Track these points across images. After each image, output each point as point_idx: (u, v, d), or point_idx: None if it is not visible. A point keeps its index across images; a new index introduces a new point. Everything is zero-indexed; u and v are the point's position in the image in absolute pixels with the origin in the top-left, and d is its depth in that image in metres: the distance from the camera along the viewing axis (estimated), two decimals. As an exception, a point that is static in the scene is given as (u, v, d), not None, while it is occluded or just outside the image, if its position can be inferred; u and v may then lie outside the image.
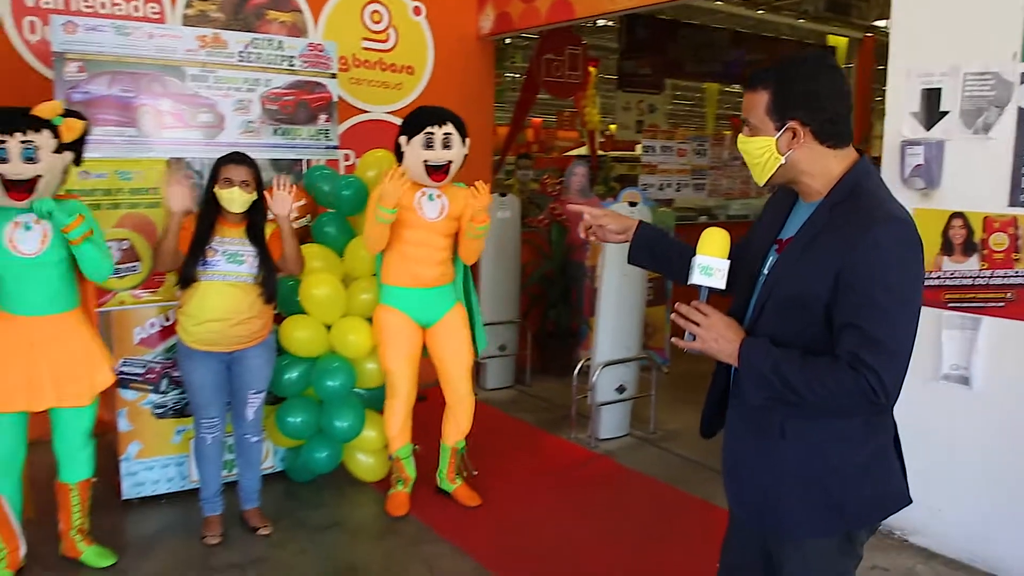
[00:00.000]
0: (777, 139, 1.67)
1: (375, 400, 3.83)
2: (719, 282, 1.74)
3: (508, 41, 10.93)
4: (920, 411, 3.32)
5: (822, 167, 1.68)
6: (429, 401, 3.82)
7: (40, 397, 2.78)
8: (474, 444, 3.78)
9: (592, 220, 2.08)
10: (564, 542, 3.35)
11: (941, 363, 3.25)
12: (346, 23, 4.94)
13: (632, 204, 4.42)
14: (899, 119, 3.30)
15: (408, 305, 3.46)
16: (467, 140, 3.41)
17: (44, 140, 2.66)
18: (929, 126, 3.22)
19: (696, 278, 1.75)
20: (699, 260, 1.75)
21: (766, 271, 1.76)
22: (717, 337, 1.69)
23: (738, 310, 1.80)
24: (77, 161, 2.83)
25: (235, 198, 3.05)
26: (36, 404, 2.79)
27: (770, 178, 1.75)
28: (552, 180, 5.96)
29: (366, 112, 5.08)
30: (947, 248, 3.20)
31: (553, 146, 16.39)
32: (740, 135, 1.78)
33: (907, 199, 3.27)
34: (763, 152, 1.70)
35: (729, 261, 1.75)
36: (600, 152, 12.22)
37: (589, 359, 4.54)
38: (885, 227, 1.56)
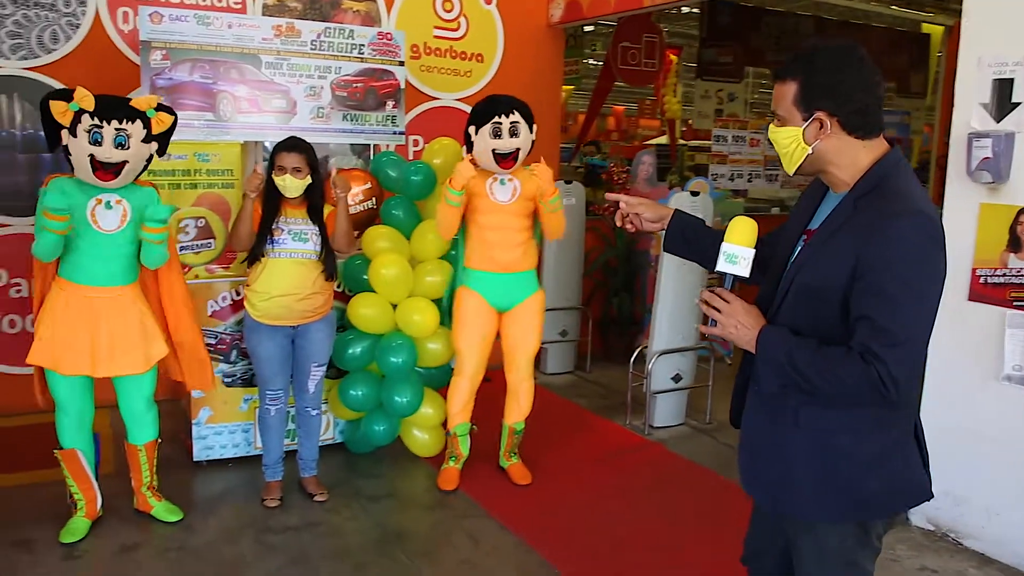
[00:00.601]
0: (804, 129, 1.69)
1: (435, 378, 3.97)
2: (743, 270, 1.78)
3: (591, 28, 10.93)
4: (980, 412, 3.23)
5: (850, 158, 1.69)
6: (493, 383, 3.93)
7: (101, 364, 2.99)
8: (530, 426, 3.87)
9: (628, 208, 2.11)
10: (607, 525, 3.41)
11: (1003, 363, 3.15)
12: (418, 11, 5.06)
13: (694, 194, 4.41)
14: (968, 110, 3.20)
15: (486, 288, 3.56)
16: (534, 127, 3.48)
17: (136, 129, 2.89)
18: (999, 118, 3.11)
19: (721, 265, 1.79)
20: (725, 248, 1.79)
21: (792, 260, 1.78)
22: (737, 324, 1.72)
23: (765, 298, 1.83)
24: (161, 152, 3.05)
25: (287, 185, 3.21)
26: (98, 370, 3.00)
27: (798, 168, 1.76)
28: (619, 168, 5.97)
29: (436, 99, 5.20)
30: (1014, 244, 3.10)
31: (635, 134, 16.26)
32: (771, 125, 1.80)
33: (973, 193, 3.19)
34: (791, 142, 1.72)
35: (754, 250, 1.77)
36: (681, 141, 12.09)
37: (646, 347, 4.57)
38: (904, 220, 1.56)
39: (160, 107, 2.97)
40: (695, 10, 9.12)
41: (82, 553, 3.04)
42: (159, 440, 3.28)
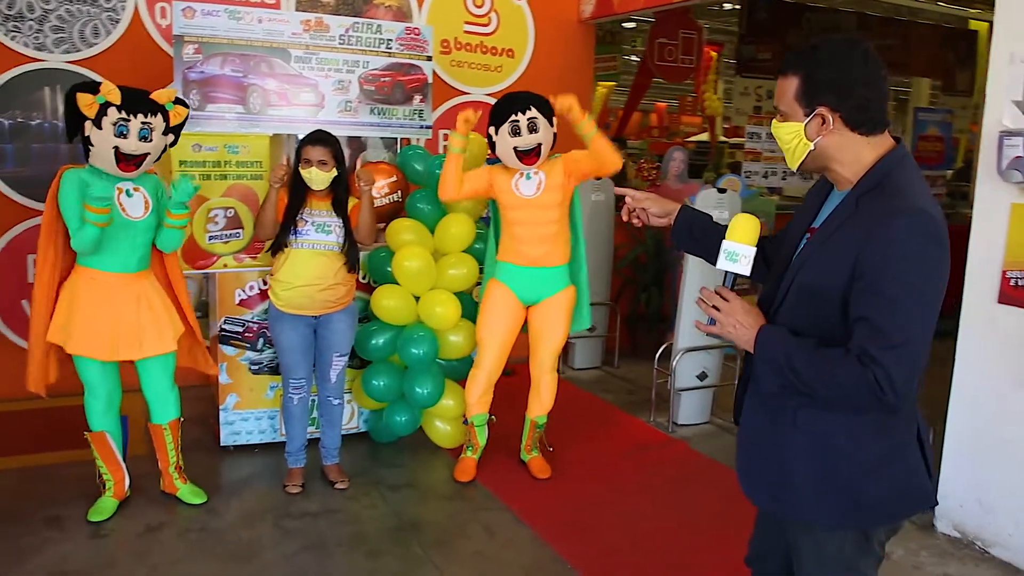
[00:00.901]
0: (806, 125, 1.67)
1: (456, 371, 4.00)
2: (744, 268, 1.76)
3: (632, 25, 10.88)
4: (1009, 417, 3.16)
5: (853, 154, 1.67)
6: (517, 377, 3.96)
7: (135, 347, 3.10)
8: (553, 420, 3.88)
9: (634, 203, 2.11)
10: (623, 521, 3.41)
11: (1032, 368, 3.07)
12: (449, 7, 5.10)
13: (721, 191, 4.37)
14: (999, 108, 3.12)
15: (514, 282, 3.59)
16: (554, 120, 3.48)
17: (157, 123, 3.00)
18: (1032, 116, 3.03)
19: (722, 263, 1.78)
20: (725, 245, 1.78)
21: (794, 259, 1.77)
22: (735, 323, 1.70)
23: (768, 296, 1.81)
24: (173, 143, 3.16)
25: (313, 177, 3.27)
26: (134, 353, 3.11)
27: (801, 164, 1.75)
28: (649, 165, 5.94)
29: (467, 94, 5.24)
30: (1045, 246, 3.02)
31: (677, 131, 16.19)
32: (774, 120, 1.79)
33: (1004, 193, 3.11)
34: (793, 138, 1.70)
35: (755, 248, 1.76)
36: (722, 138, 11.99)
37: (672, 343, 4.54)
38: (903, 218, 1.53)
39: (176, 100, 3.07)
40: (736, 6, 9.03)
41: (108, 532, 3.15)
42: (182, 419, 3.37)
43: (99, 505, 3.22)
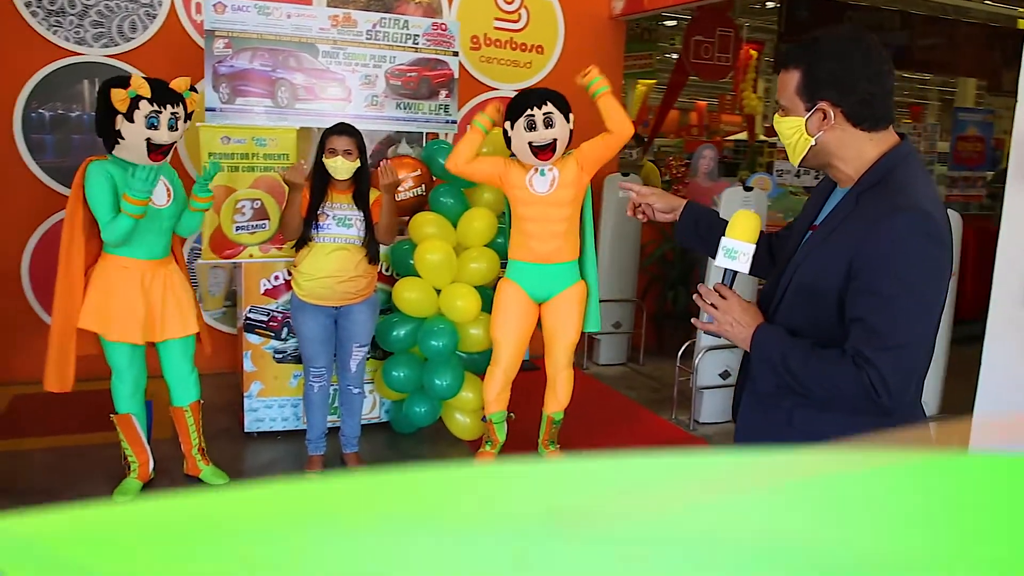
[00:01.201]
0: (807, 120, 1.65)
1: (475, 364, 4.04)
2: (742, 266, 1.75)
3: (673, 23, 10.83)
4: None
5: (855, 151, 1.64)
6: (536, 372, 3.96)
7: (157, 330, 3.19)
8: (574, 416, 3.89)
9: (639, 198, 2.11)
10: (637, 517, 3.41)
11: (1058, 373, 3.00)
12: (479, 3, 5.13)
13: (748, 189, 4.34)
14: (1030, 108, 3.04)
15: (525, 279, 3.61)
16: (571, 116, 3.49)
17: (181, 112, 3.09)
18: (1064, 116, 2.95)
19: (720, 261, 1.77)
20: (724, 243, 1.76)
21: (795, 257, 1.75)
22: (732, 321, 1.69)
23: (768, 294, 1.80)
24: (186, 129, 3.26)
25: (338, 166, 3.32)
26: (159, 336, 3.22)
27: (803, 160, 1.73)
28: (678, 162, 5.90)
29: (496, 89, 5.26)
30: (1073, 249, 2.94)
31: (716, 130, 16.04)
32: (775, 115, 1.78)
33: (1032, 195, 3.04)
34: (793, 133, 1.68)
35: (754, 246, 1.75)
36: (762, 136, 11.86)
37: (695, 341, 4.52)
38: (902, 216, 1.50)
39: (190, 88, 3.17)
40: (777, 4, 8.92)
41: (132, 511, 3.24)
42: (201, 401, 3.46)
43: (124, 486, 3.32)
